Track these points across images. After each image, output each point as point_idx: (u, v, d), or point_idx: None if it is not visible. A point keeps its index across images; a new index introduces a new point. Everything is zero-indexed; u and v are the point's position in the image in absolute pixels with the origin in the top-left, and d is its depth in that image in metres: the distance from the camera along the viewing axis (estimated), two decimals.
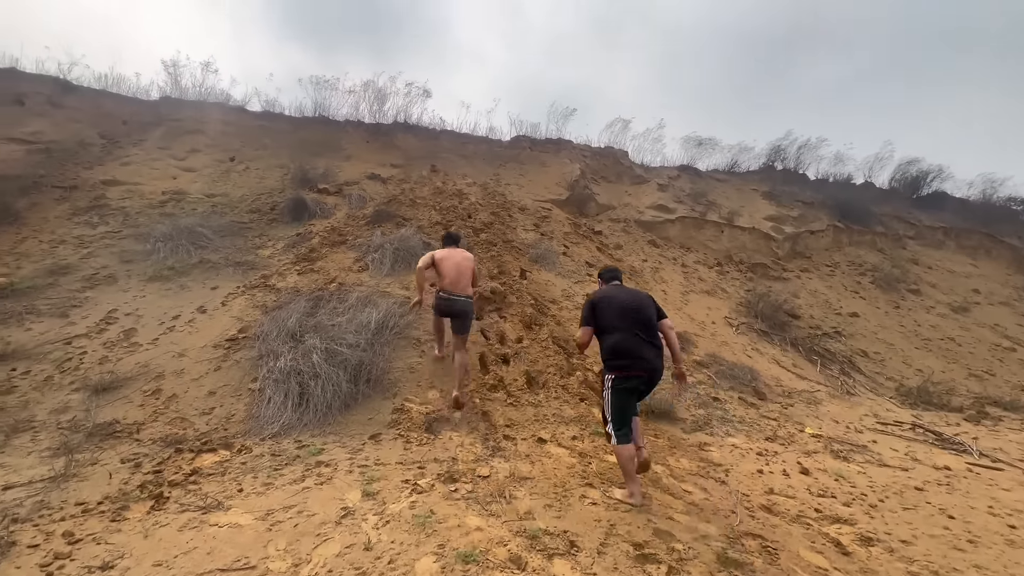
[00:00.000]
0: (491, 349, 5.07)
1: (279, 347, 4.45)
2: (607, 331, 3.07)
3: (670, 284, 8.20)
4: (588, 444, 3.81)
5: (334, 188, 8.61)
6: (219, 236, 6.81)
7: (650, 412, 4.39)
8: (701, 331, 6.74)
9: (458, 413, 4.04)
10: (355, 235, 7.14)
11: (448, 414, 4.06)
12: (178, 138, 9.42)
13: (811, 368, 6.58)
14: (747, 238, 10.75)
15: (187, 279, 5.80)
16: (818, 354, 6.93)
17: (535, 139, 11.77)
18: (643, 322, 3.06)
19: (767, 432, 4.42)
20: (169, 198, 7.83)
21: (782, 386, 5.75)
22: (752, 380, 5.52)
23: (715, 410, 4.72)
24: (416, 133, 10.94)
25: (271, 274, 6.01)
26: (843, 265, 10.88)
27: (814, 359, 6.77)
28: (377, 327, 4.86)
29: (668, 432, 4.16)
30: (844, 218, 12.52)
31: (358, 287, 5.69)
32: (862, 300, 9.34)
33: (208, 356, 4.46)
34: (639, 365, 2.93)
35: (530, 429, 3.98)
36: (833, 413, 5.18)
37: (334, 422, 3.83)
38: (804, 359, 6.81)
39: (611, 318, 3.07)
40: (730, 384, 5.37)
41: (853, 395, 5.88)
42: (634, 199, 11.10)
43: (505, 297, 6.02)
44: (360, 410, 4.00)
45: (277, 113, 10.63)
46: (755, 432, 4.38)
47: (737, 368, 5.68)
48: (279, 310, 5.13)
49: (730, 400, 5.03)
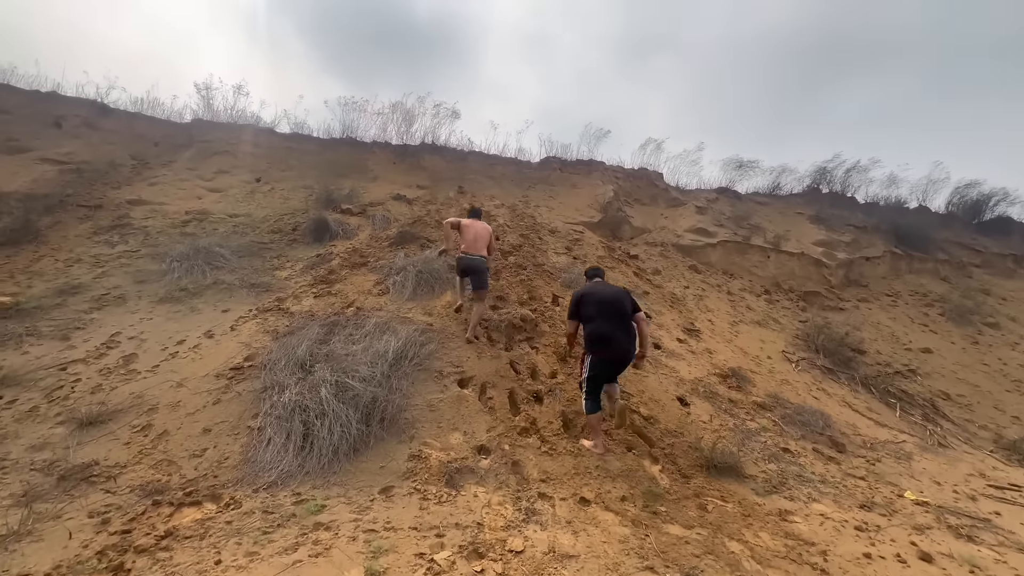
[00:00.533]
0: (522, 384, 4.47)
1: (285, 378, 3.97)
2: (588, 321, 3.85)
3: (716, 313, 7.46)
4: (641, 508, 3.13)
5: (358, 209, 8.32)
6: (237, 256, 6.51)
7: (712, 466, 3.68)
8: (757, 367, 5.97)
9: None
10: (377, 256, 6.75)
11: (473, 464, 3.46)
12: (207, 159, 9.39)
13: (889, 413, 5.69)
14: (796, 264, 9.92)
15: (199, 301, 5.45)
16: (894, 396, 6.03)
17: (565, 160, 11.36)
18: (618, 313, 3.78)
19: (859, 497, 3.63)
20: (192, 218, 7.65)
21: (860, 435, 4.92)
22: (826, 427, 4.73)
23: (788, 464, 3.96)
24: (443, 154, 10.68)
25: (286, 296, 5.62)
26: (905, 295, 9.89)
27: (891, 402, 5.88)
28: (395, 357, 4.35)
29: (738, 494, 3.44)
30: (901, 244, 11.54)
31: (377, 312, 5.22)
32: (933, 334, 8.34)
33: (208, 387, 4.02)
34: (612, 348, 3.68)
35: (570, 486, 3.33)
36: (931, 471, 4.32)
37: (340, 470, 3.27)
38: (879, 401, 5.93)
39: (592, 310, 3.84)
40: (800, 432, 4.59)
41: (946, 447, 4.98)
42: (671, 222, 10.47)
43: (536, 325, 5.44)
44: (371, 456, 3.44)
45: (305, 135, 10.58)
46: (844, 496, 3.60)
47: (806, 412, 4.89)
48: (290, 336, 4.69)
49: (804, 452, 4.26)
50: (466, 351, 4.78)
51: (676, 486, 3.45)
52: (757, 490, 3.50)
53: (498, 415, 4.04)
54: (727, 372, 5.47)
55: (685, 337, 6.23)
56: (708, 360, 5.76)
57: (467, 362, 4.64)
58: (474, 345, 4.92)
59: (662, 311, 6.84)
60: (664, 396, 4.72)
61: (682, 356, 5.65)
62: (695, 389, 4.99)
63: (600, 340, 3.69)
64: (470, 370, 4.54)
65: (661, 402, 4.60)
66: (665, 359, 5.47)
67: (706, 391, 4.99)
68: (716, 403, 4.83)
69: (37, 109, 9.04)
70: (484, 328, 5.22)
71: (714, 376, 5.35)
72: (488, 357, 4.79)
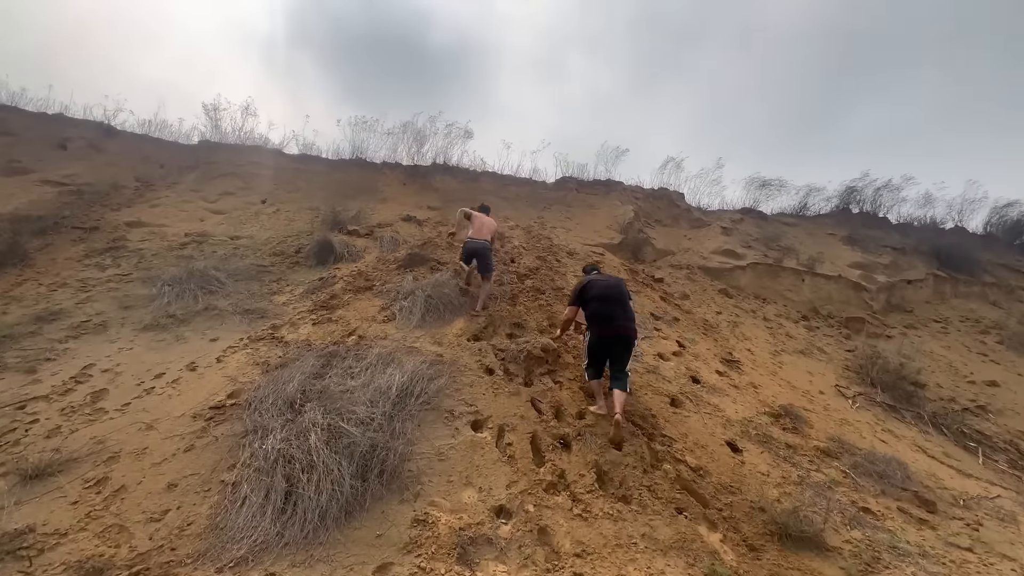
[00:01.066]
0: (545, 427, 3.84)
1: (271, 420, 3.40)
2: (589, 304, 4.18)
3: (755, 342, 6.77)
4: None
5: (365, 230, 7.88)
6: (233, 280, 6.05)
7: (786, 536, 2.98)
8: (810, 404, 5.25)
9: None
10: (383, 280, 6.24)
11: (491, 531, 2.81)
12: (212, 181, 9.10)
13: (970, 459, 4.91)
14: (833, 288, 9.22)
15: (186, 328, 4.95)
16: (970, 438, 5.25)
17: (582, 180, 10.92)
18: (617, 298, 4.14)
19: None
20: (191, 240, 7.26)
21: (944, 487, 4.16)
22: (906, 480, 3.98)
23: (876, 531, 3.23)
24: (455, 175, 10.31)
25: (282, 324, 5.10)
26: (955, 321, 9.09)
27: (970, 446, 5.10)
28: (399, 394, 3.76)
29: (824, 574, 2.73)
30: (943, 266, 10.79)
31: (380, 341, 4.67)
32: (996, 365, 7.52)
33: (182, 430, 3.45)
34: (611, 325, 3.98)
35: (612, 562, 2.66)
36: None
37: (328, 540, 2.65)
38: (955, 445, 5.14)
39: (593, 295, 4.17)
40: (878, 486, 3.85)
41: None
42: (695, 244, 9.88)
43: (559, 356, 4.83)
44: (367, 520, 2.82)
45: (313, 155, 10.30)
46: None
47: (879, 460, 4.16)
48: (282, 369, 4.14)
49: (889, 513, 3.52)
50: (481, 386, 4.18)
51: (745, 564, 2.76)
52: (848, 570, 2.79)
53: (519, 465, 3.40)
54: (779, 410, 4.78)
55: (725, 369, 5.56)
56: (754, 396, 5.07)
57: (482, 399, 4.03)
58: (490, 379, 4.32)
59: (695, 339, 6.18)
60: (711, 441, 4.04)
61: (725, 392, 4.97)
62: (745, 431, 4.30)
63: (601, 318, 4.04)
64: (485, 409, 3.92)
65: (709, 448, 3.92)
66: (706, 395, 4.80)
67: (759, 434, 4.29)
68: (772, 449, 4.13)
69: (42, 131, 8.88)
70: (500, 360, 4.63)
71: (765, 415, 4.66)
72: (506, 393, 4.17)
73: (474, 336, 5.04)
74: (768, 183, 12.05)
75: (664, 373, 5.06)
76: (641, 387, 4.67)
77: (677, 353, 5.66)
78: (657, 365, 5.19)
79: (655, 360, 5.32)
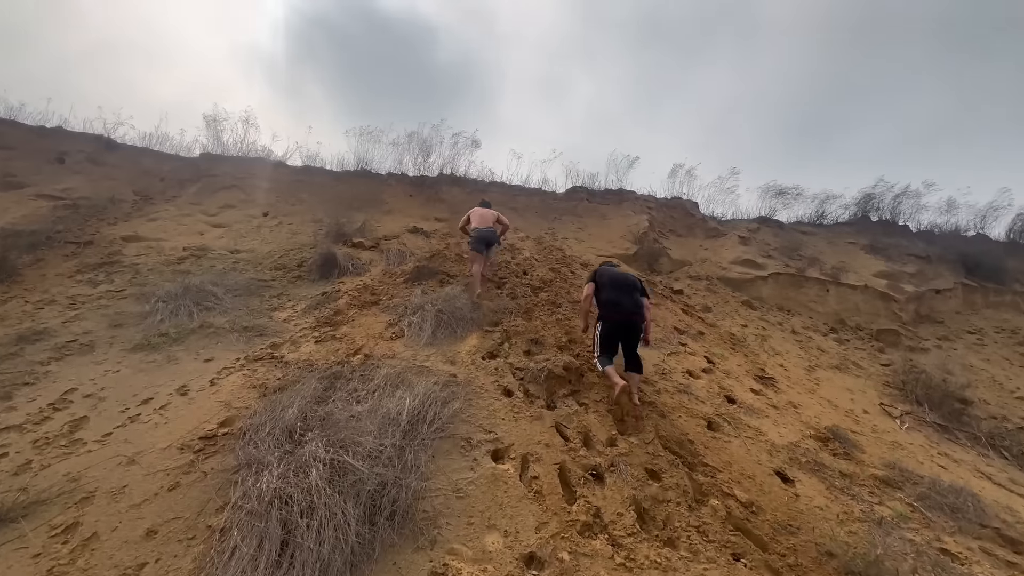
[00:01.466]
0: (574, 457, 3.43)
1: (267, 454, 3.00)
2: (601, 291, 4.47)
3: (787, 357, 6.34)
4: None
5: (370, 242, 7.56)
6: (232, 296, 5.71)
7: None
8: (856, 425, 4.81)
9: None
10: (391, 294, 5.89)
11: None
12: (213, 194, 8.84)
13: None
14: (859, 298, 8.79)
15: (179, 348, 4.59)
16: None
17: (593, 190, 10.61)
18: (629, 287, 4.44)
19: None
20: (189, 255, 6.95)
21: (1021, 521, 3.70)
22: (979, 513, 3.53)
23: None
24: (463, 185, 10.02)
25: (282, 342, 4.74)
26: (990, 332, 8.63)
27: None
28: (410, 421, 3.37)
29: None
30: (971, 275, 10.35)
31: (388, 360, 4.29)
32: None
33: (168, 464, 3.06)
34: (620, 311, 4.27)
35: None
36: None
37: None
38: (1018, 469, 4.68)
39: (606, 284, 4.47)
40: (952, 522, 3.40)
41: None
42: (713, 254, 9.50)
43: (582, 376, 4.43)
44: (377, 572, 2.41)
45: (317, 167, 10.05)
46: None
47: (946, 491, 3.71)
48: (281, 393, 3.75)
49: (972, 556, 3.07)
50: (499, 410, 3.78)
51: None
52: None
53: (548, 503, 2.99)
54: (826, 433, 4.34)
55: (760, 388, 5.13)
56: (796, 417, 4.64)
57: (501, 425, 3.64)
58: (509, 402, 3.93)
59: (724, 355, 5.76)
60: (758, 471, 3.61)
61: (765, 413, 4.55)
62: (794, 458, 3.87)
63: (611, 305, 4.30)
64: (506, 436, 3.52)
65: (757, 479, 3.49)
66: (745, 417, 4.37)
67: (809, 461, 3.86)
68: (826, 478, 3.69)
69: (40, 145, 8.66)
70: (519, 380, 4.24)
71: (811, 439, 4.23)
72: (527, 417, 3.78)
73: (489, 354, 4.66)
74: (785, 191, 11.73)
75: (696, 393, 4.65)
76: (673, 408, 4.25)
77: (707, 370, 5.25)
78: (688, 384, 4.78)
79: (685, 378, 4.91)
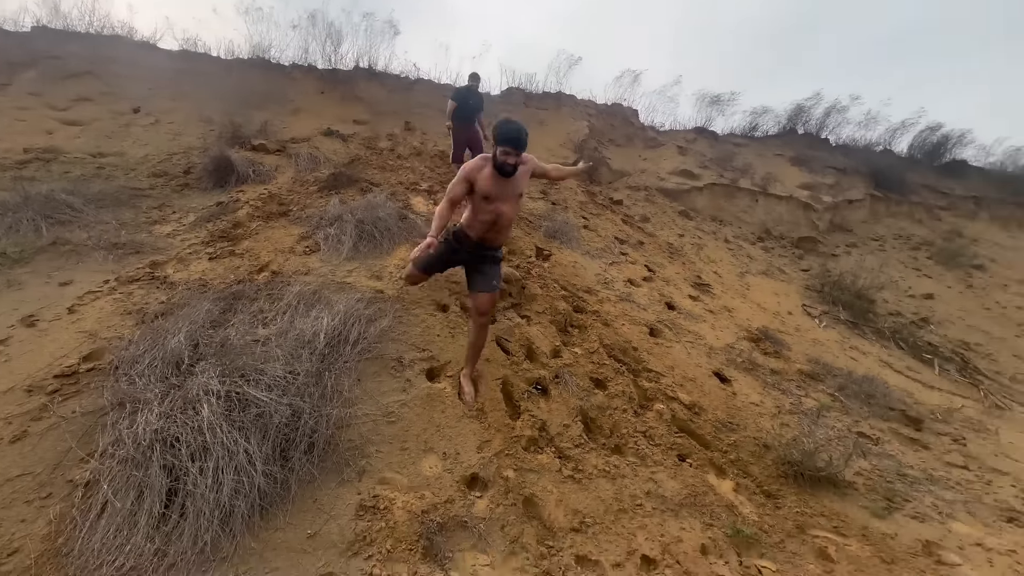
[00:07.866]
0: (517, 370, 3.19)
1: (145, 390, 2.44)
2: None
3: (720, 264, 6.46)
4: (738, 565, 2.01)
5: (275, 145, 6.45)
6: (96, 207, 4.64)
7: (800, 476, 2.62)
8: (783, 326, 5.03)
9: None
10: (303, 204, 5.09)
11: (464, 511, 2.18)
12: (60, 82, 7.01)
13: (927, 371, 4.97)
14: (784, 209, 9.13)
15: (24, 270, 3.66)
16: (923, 350, 5.34)
17: (530, 93, 9.76)
18: None
19: (987, 501, 2.72)
20: (34, 158, 5.54)
21: (918, 402, 4.10)
22: (887, 398, 3.84)
23: (881, 459, 3.00)
24: (383, 81, 8.76)
25: (166, 260, 3.93)
26: (889, 239, 9.42)
27: (925, 358, 5.18)
28: (329, 343, 2.91)
29: (851, 519, 2.40)
30: (879, 187, 11.11)
31: (302, 277, 3.69)
32: (928, 279, 7.86)
33: (11, 410, 2.42)
34: None
35: (618, 533, 2.14)
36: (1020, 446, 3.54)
37: (237, 551, 1.89)
38: (912, 358, 5.21)
39: None
40: (866, 408, 3.66)
41: (1003, 409, 4.29)
42: (651, 164, 9.29)
43: (524, 287, 4.12)
44: (293, 515, 2.07)
45: (201, 53, 8.22)
46: (974, 503, 2.68)
47: (859, 380, 3.99)
48: (165, 318, 3.10)
49: (884, 436, 3.32)
50: (434, 326, 3.41)
51: (768, 517, 2.36)
52: (872, 509, 2.48)
53: (491, 420, 2.75)
54: (757, 334, 4.47)
55: (697, 294, 5.17)
56: (731, 320, 4.73)
57: (437, 342, 3.28)
58: (444, 317, 3.56)
59: (663, 263, 5.72)
60: (699, 373, 3.61)
61: (702, 317, 4.58)
62: (731, 359, 3.93)
63: None
64: (442, 354, 3.19)
65: (698, 381, 3.50)
66: (685, 322, 4.36)
67: (744, 361, 3.95)
68: (759, 376, 3.80)
69: None
70: (455, 295, 3.85)
71: (745, 340, 4.33)
72: (466, 333, 3.44)
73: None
74: (719, 99, 11.53)
75: (638, 300, 4.54)
76: (617, 316, 4.11)
77: (647, 278, 5.17)
78: (630, 292, 4.65)
79: (627, 286, 4.78)
